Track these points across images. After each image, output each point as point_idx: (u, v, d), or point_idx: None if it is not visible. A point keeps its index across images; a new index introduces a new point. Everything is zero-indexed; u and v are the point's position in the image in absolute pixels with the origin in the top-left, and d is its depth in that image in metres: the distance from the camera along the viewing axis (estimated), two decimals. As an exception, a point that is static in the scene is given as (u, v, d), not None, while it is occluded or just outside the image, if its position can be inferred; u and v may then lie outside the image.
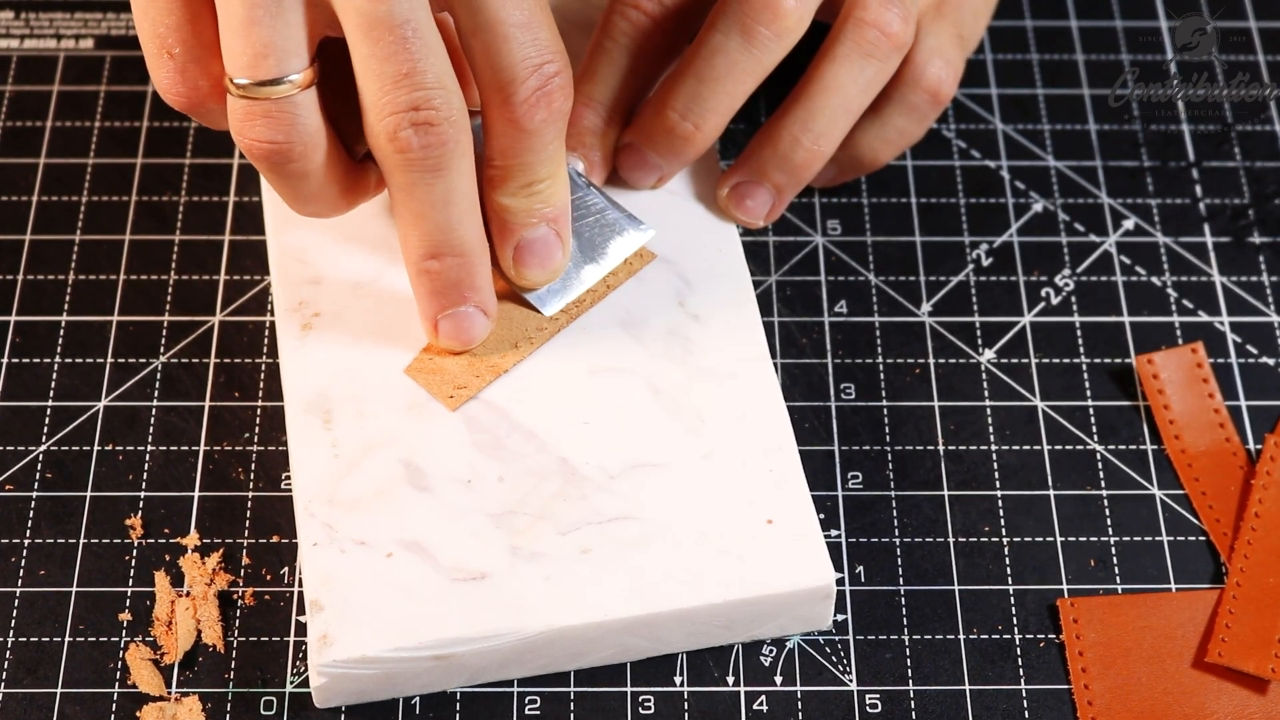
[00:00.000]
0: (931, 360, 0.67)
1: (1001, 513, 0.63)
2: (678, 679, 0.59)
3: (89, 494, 0.62)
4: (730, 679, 0.59)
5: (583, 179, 0.64)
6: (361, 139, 0.57)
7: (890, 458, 0.64)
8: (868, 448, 0.64)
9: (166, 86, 0.57)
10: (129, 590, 0.60)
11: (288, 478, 0.63)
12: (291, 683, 0.59)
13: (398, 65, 0.54)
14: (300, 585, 0.60)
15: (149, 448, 0.64)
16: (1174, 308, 0.68)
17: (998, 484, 0.64)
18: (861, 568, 0.62)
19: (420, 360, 0.62)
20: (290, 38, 0.55)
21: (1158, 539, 0.62)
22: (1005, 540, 0.62)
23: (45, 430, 0.64)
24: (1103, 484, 0.64)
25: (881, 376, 0.66)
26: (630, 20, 0.65)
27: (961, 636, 0.60)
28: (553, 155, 0.59)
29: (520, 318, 0.63)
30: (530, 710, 0.58)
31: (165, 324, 0.67)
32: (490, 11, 0.56)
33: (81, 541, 0.61)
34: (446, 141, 0.55)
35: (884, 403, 0.65)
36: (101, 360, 0.66)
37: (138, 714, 0.58)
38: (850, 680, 0.59)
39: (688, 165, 0.66)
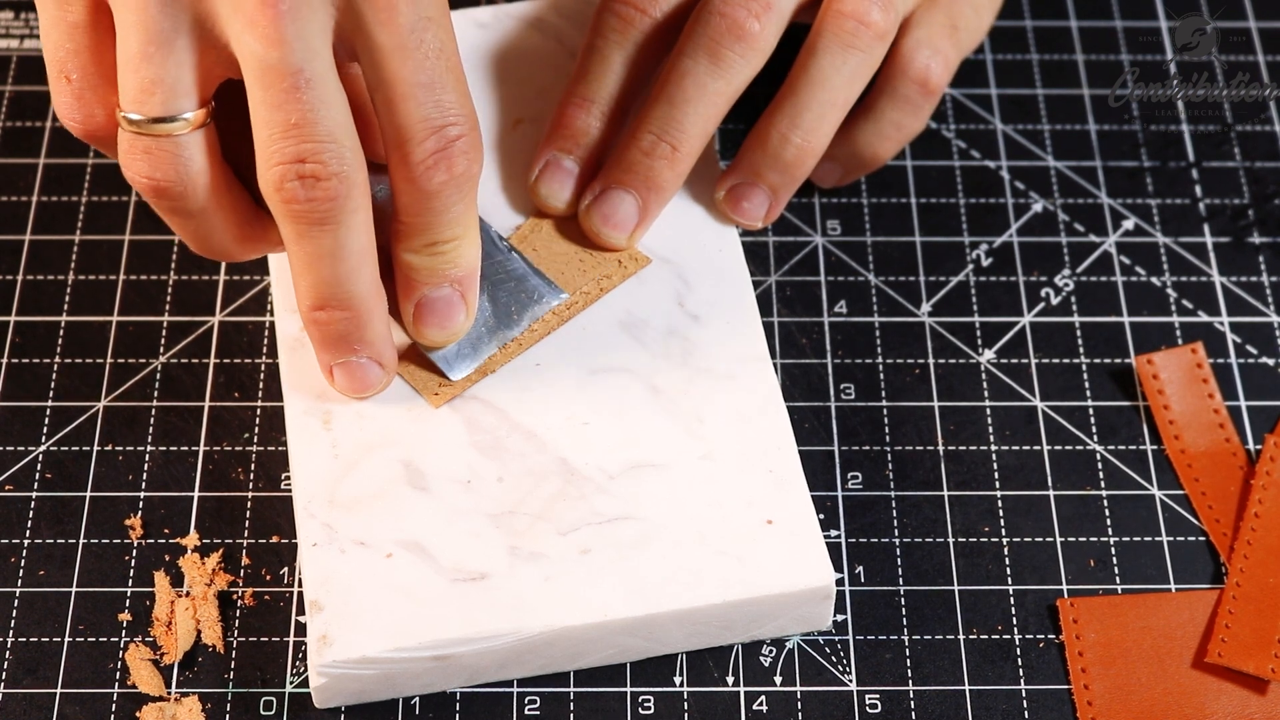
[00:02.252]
0: (931, 360, 0.67)
1: (1001, 513, 0.63)
2: (678, 679, 0.59)
3: (89, 494, 0.62)
4: (730, 679, 0.59)
5: (504, 242, 0.63)
6: None
7: (890, 458, 0.64)
8: (868, 448, 0.64)
9: (63, 112, 0.57)
10: (129, 590, 0.60)
11: (287, 478, 0.63)
12: (291, 683, 0.59)
13: (287, 114, 0.53)
14: (300, 585, 0.60)
15: (149, 448, 0.64)
16: (1174, 308, 0.68)
17: (998, 484, 0.64)
18: (861, 568, 0.62)
19: (409, 355, 0.62)
20: (181, 77, 0.54)
21: (1157, 539, 0.62)
22: (1005, 540, 0.62)
23: (45, 430, 0.64)
24: (1102, 484, 0.64)
25: (881, 376, 0.66)
26: (621, 18, 0.65)
27: (961, 636, 0.60)
28: (457, 217, 0.58)
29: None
30: (530, 710, 0.58)
31: (165, 324, 0.67)
32: (392, 68, 0.55)
33: (81, 541, 0.61)
34: (335, 196, 0.54)
35: (884, 403, 0.65)
36: (101, 360, 0.66)
37: (137, 714, 0.58)
38: (850, 680, 0.59)
39: (669, 198, 0.65)
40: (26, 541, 0.61)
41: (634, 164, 0.64)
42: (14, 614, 0.60)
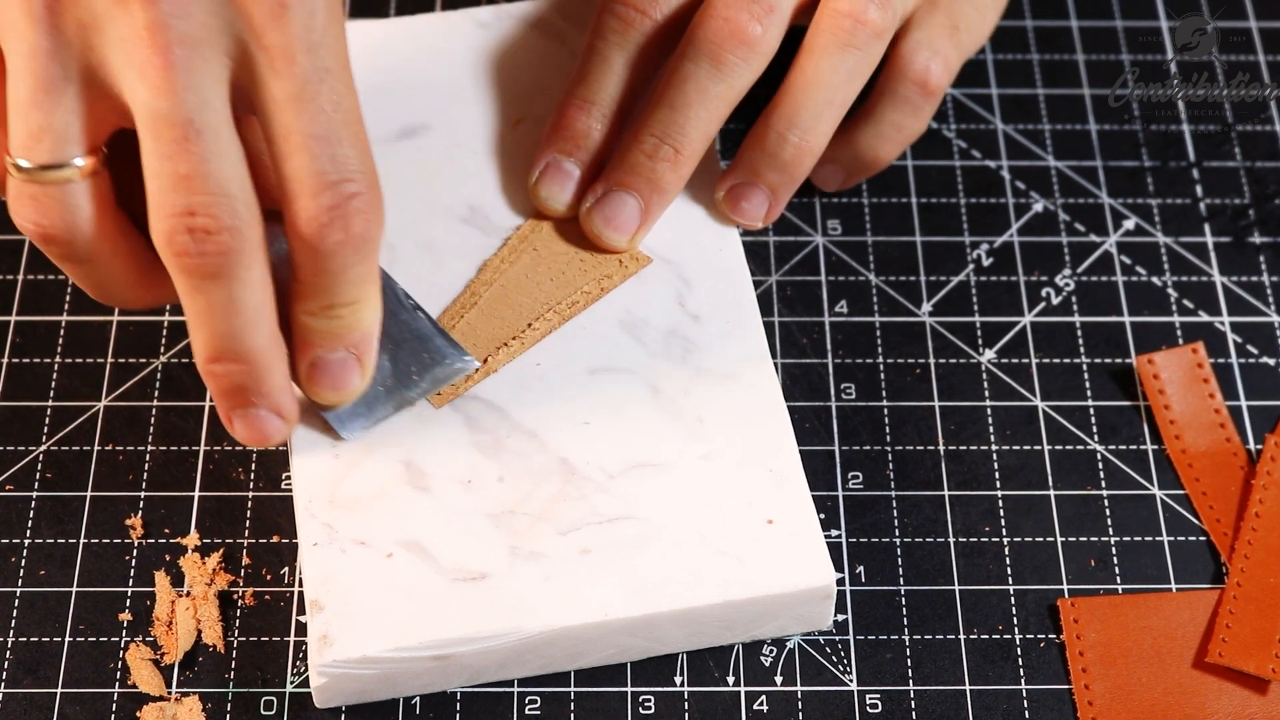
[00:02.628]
0: (932, 360, 0.67)
1: (1002, 513, 0.63)
2: (678, 679, 0.59)
3: (89, 494, 0.62)
4: (730, 679, 0.59)
5: (409, 301, 0.61)
6: None
7: (890, 458, 0.64)
8: (868, 448, 0.64)
9: None
10: (129, 590, 0.60)
11: (288, 478, 0.63)
12: (291, 683, 0.59)
13: (176, 165, 0.52)
14: (300, 585, 0.60)
15: (149, 448, 0.64)
16: (1174, 308, 0.68)
17: (998, 484, 0.64)
18: (862, 568, 0.62)
19: None
20: (69, 125, 0.53)
21: (1158, 539, 0.62)
22: (1005, 540, 0.62)
23: (45, 430, 0.64)
24: (1103, 484, 0.64)
25: (882, 376, 0.66)
26: (621, 19, 0.65)
27: (962, 636, 0.60)
28: (357, 279, 0.55)
29: (510, 316, 0.63)
30: (530, 710, 0.58)
31: (165, 324, 0.67)
32: (285, 119, 0.53)
33: (81, 541, 0.61)
34: (225, 251, 0.52)
35: (884, 403, 0.65)
36: (101, 360, 0.66)
37: (138, 714, 0.58)
38: (850, 680, 0.59)
39: (669, 202, 0.65)
40: (27, 541, 0.61)
41: (636, 167, 0.64)
42: (14, 614, 0.60)
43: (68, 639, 0.59)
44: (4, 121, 0.55)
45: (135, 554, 0.61)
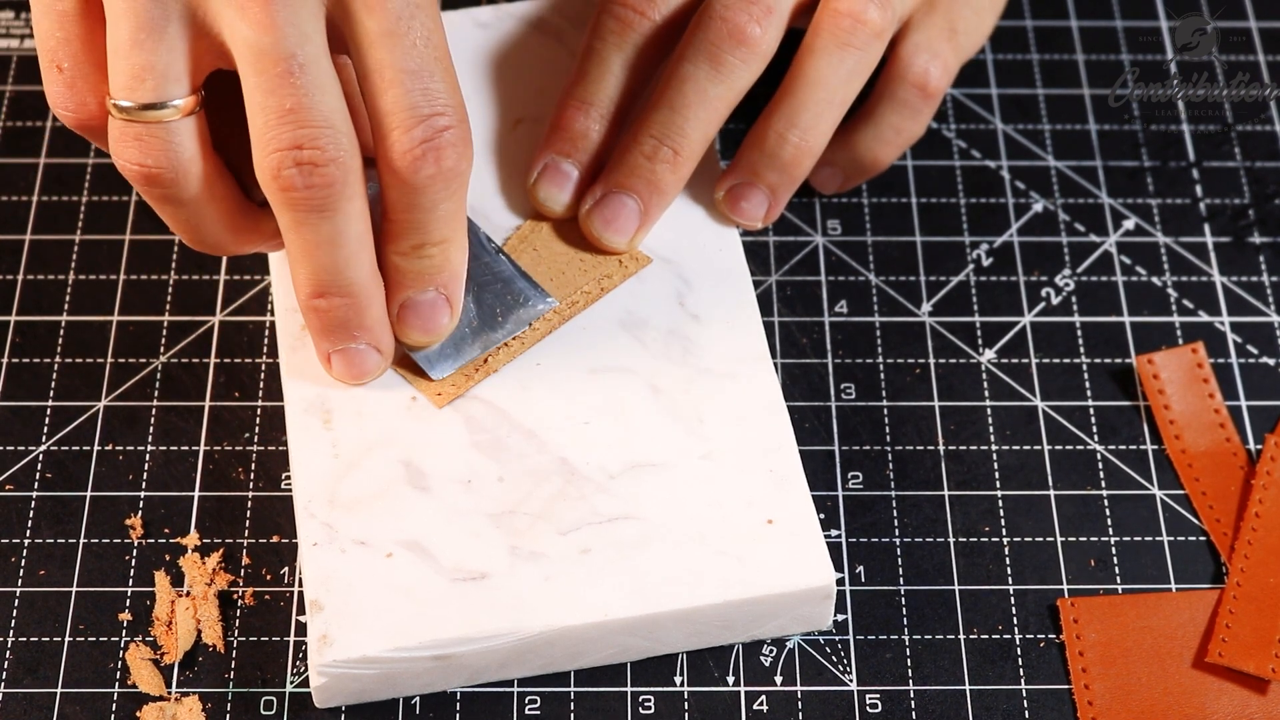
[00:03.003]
0: (932, 360, 0.67)
1: (1001, 513, 0.63)
2: (678, 679, 0.59)
3: (89, 494, 0.62)
4: (730, 679, 0.59)
5: (492, 244, 0.63)
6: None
7: (890, 458, 0.64)
8: (868, 448, 0.64)
9: (55, 101, 0.56)
10: (129, 590, 0.60)
11: (288, 478, 0.63)
12: (291, 683, 0.59)
13: (282, 99, 0.53)
14: (300, 585, 0.60)
15: (149, 448, 0.64)
16: (1174, 308, 0.68)
17: (998, 484, 0.64)
18: (861, 568, 0.62)
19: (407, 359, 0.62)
20: (172, 64, 0.54)
21: (1158, 539, 0.62)
22: (1005, 540, 0.62)
23: (45, 430, 0.64)
24: (1103, 484, 0.64)
25: (882, 376, 0.66)
26: (619, 20, 0.65)
27: (961, 636, 0.60)
28: (445, 216, 0.57)
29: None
30: (530, 710, 0.58)
31: (165, 324, 0.67)
32: (380, 55, 0.54)
33: (81, 541, 0.61)
34: (331, 183, 0.54)
35: (884, 403, 0.65)
36: (101, 360, 0.66)
37: (138, 714, 0.58)
38: (850, 680, 0.59)
39: (669, 201, 0.65)
40: (27, 541, 0.61)
41: (635, 168, 0.64)
42: (14, 614, 0.60)
43: (68, 639, 0.59)
44: (100, 66, 0.55)
45: (135, 554, 0.61)
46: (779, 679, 0.59)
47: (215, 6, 0.53)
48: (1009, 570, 0.62)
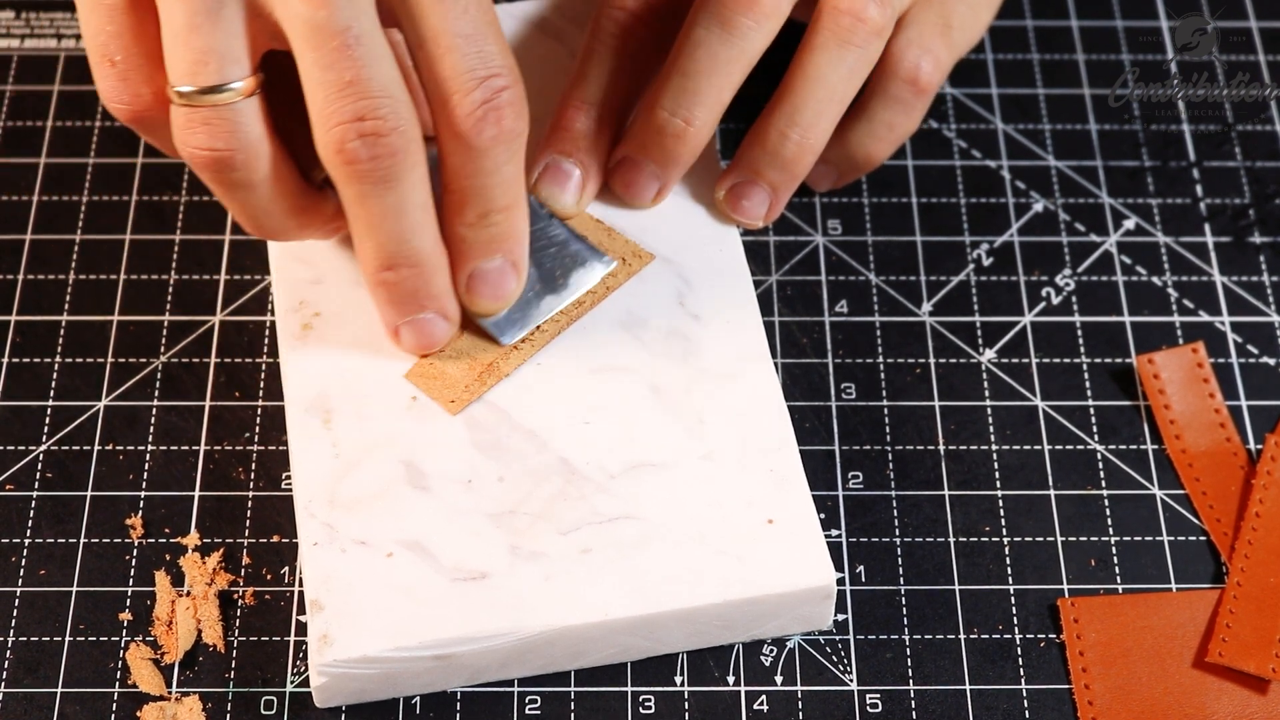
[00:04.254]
0: (932, 360, 0.67)
1: (1002, 513, 0.63)
2: (678, 679, 0.59)
3: (89, 494, 0.62)
4: (730, 679, 0.59)
5: (544, 210, 0.64)
6: (318, 163, 0.56)
7: (890, 458, 0.64)
8: (868, 448, 0.64)
9: (109, 95, 0.57)
10: (129, 590, 0.60)
11: (288, 478, 0.63)
12: (292, 683, 0.59)
13: (340, 73, 0.53)
14: (300, 585, 0.60)
15: (149, 448, 0.64)
16: (1174, 308, 0.68)
17: (998, 484, 0.64)
18: (862, 568, 0.62)
19: (421, 366, 0.62)
20: (231, 45, 0.54)
21: (1158, 539, 0.62)
22: (1005, 540, 0.62)
23: (45, 430, 0.64)
24: (1103, 484, 0.64)
25: (882, 376, 0.66)
26: (616, 20, 0.65)
27: (962, 636, 0.60)
28: (508, 179, 0.58)
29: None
30: (530, 710, 0.58)
31: (165, 324, 0.67)
32: (433, 22, 0.55)
33: (81, 541, 0.61)
34: (395, 152, 0.54)
35: (884, 403, 0.65)
36: (101, 360, 0.66)
37: (138, 714, 0.58)
38: (850, 680, 0.59)
39: (685, 168, 0.65)
40: (27, 541, 0.61)
41: (648, 140, 0.64)
42: (14, 614, 0.60)
43: (68, 639, 0.59)
44: (152, 57, 0.56)
45: (135, 554, 0.61)
46: (779, 679, 0.59)
47: None
48: (1009, 570, 0.62)
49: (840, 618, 0.60)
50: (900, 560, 0.62)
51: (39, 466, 0.63)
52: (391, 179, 0.55)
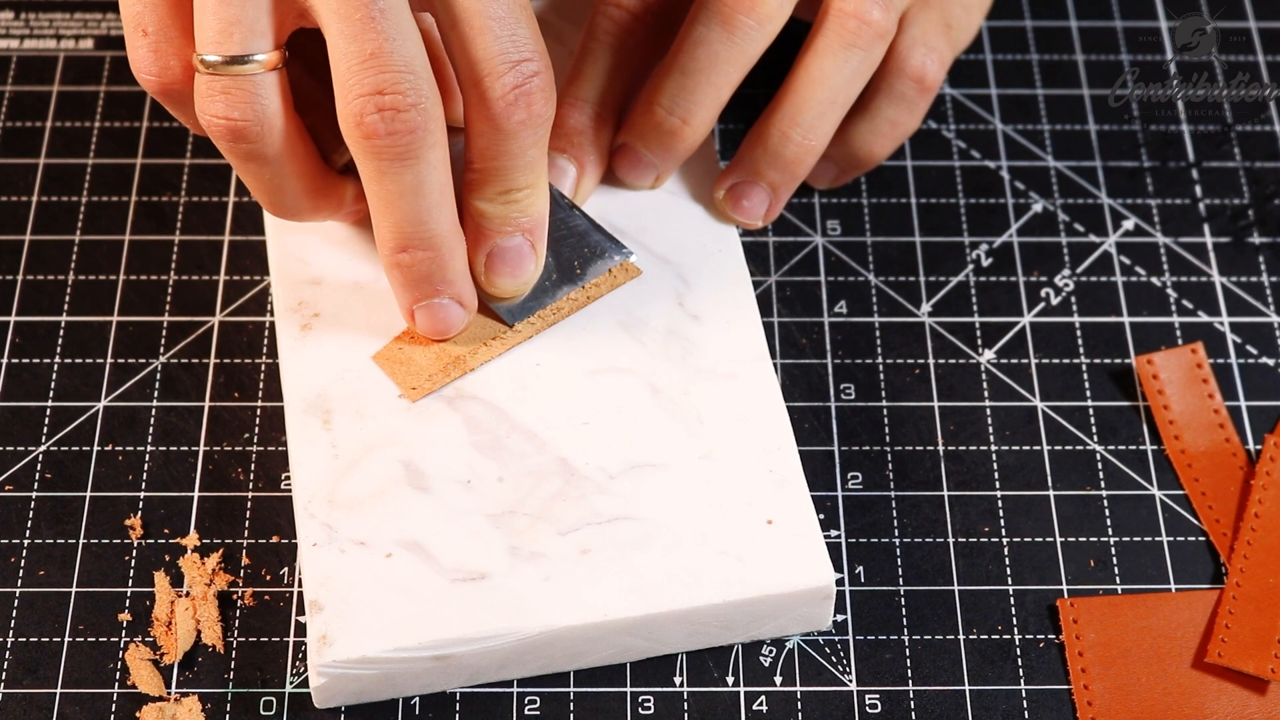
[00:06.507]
0: (931, 360, 0.67)
1: (1001, 513, 0.63)
2: (678, 679, 0.59)
3: (89, 494, 0.62)
4: (730, 679, 0.59)
5: (565, 199, 0.64)
6: (341, 148, 0.57)
7: (890, 458, 0.64)
8: (868, 448, 0.64)
9: (140, 66, 0.57)
10: (129, 590, 0.60)
11: (287, 478, 0.63)
12: (291, 683, 0.59)
13: (363, 44, 0.54)
14: (300, 585, 0.60)
15: (149, 448, 0.64)
16: (1174, 308, 0.68)
17: (998, 484, 0.64)
18: (861, 568, 0.62)
19: (390, 349, 0.62)
20: (258, 18, 0.55)
21: (1157, 539, 0.62)
22: (1005, 540, 0.62)
23: (45, 430, 0.64)
24: (1102, 484, 0.64)
25: (881, 377, 0.66)
26: (612, 19, 0.65)
27: (961, 636, 0.60)
28: (532, 162, 0.58)
29: (492, 317, 0.63)
30: (530, 710, 0.58)
31: (165, 324, 0.67)
32: (466, 4, 0.55)
33: (81, 541, 0.61)
34: (414, 129, 0.54)
35: (884, 403, 0.65)
36: (101, 360, 0.66)
37: (138, 714, 0.58)
38: (850, 680, 0.59)
39: (681, 161, 0.66)
40: (26, 541, 0.61)
41: (646, 133, 0.65)
42: (14, 614, 0.60)
43: (67, 639, 0.59)
44: (184, 30, 0.56)
45: (135, 554, 0.61)
46: (779, 679, 0.59)
47: None
48: (1009, 570, 0.62)
49: (839, 618, 0.60)
50: (899, 561, 0.62)
51: (38, 467, 0.63)
52: (409, 156, 0.55)
